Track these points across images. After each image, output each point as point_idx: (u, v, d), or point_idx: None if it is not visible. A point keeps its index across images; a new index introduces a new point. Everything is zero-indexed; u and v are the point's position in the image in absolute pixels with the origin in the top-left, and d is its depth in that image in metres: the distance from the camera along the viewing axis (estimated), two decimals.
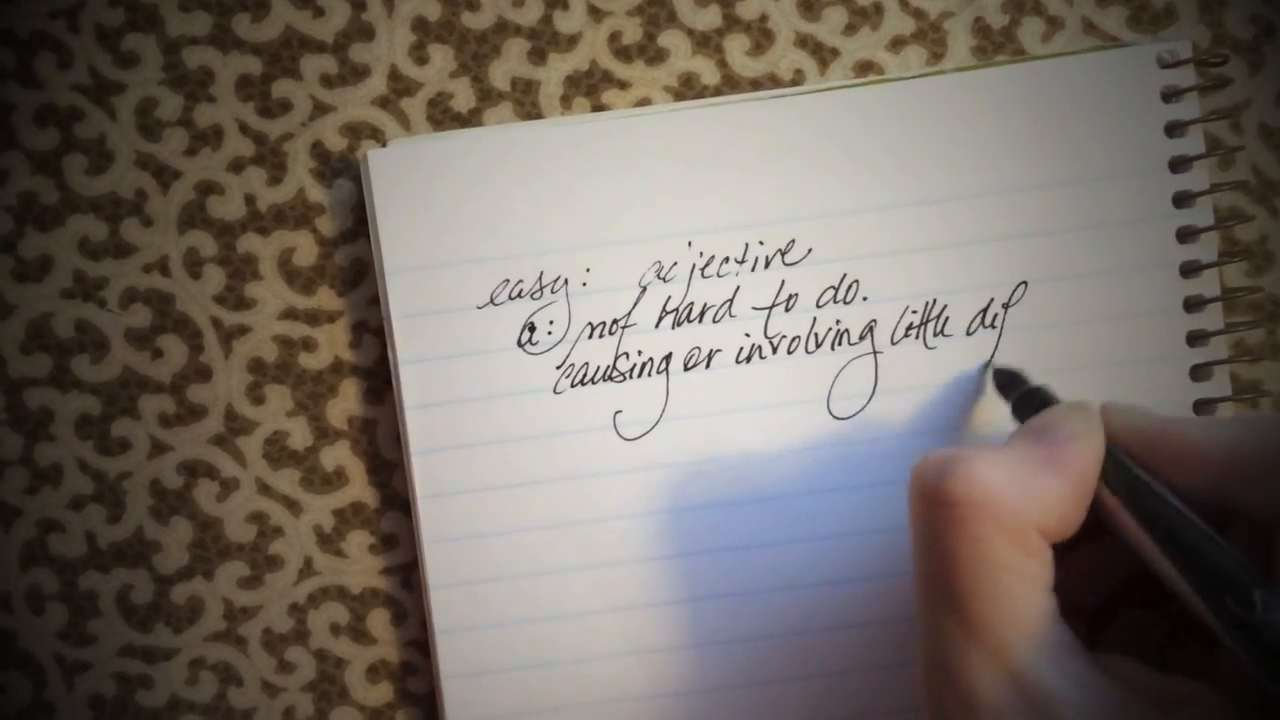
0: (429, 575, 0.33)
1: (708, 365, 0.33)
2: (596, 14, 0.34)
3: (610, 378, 0.33)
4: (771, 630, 0.33)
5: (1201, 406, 0.33)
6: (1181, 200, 0.33)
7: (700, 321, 0.33)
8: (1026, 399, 0.30)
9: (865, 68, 0.34)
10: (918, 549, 0.26)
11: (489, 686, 0.33)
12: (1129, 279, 0.33)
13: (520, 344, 0.33)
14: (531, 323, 0.33)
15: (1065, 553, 0.26)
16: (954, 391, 0.33)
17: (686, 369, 0.33)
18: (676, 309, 0.33)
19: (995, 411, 0.32)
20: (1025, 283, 0.33)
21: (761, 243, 0.33)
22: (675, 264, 0.33)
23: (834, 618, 0.33)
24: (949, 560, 0.25)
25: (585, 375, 0.33)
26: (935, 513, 0.25)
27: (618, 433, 0.33)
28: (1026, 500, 0.25)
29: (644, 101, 0.34)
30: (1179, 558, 0.25)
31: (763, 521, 0.33)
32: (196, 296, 0.34)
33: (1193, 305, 0.33)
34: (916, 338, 0.33)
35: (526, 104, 0.34)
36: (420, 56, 0.34)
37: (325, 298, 0.34)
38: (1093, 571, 0.28)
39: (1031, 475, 0.25)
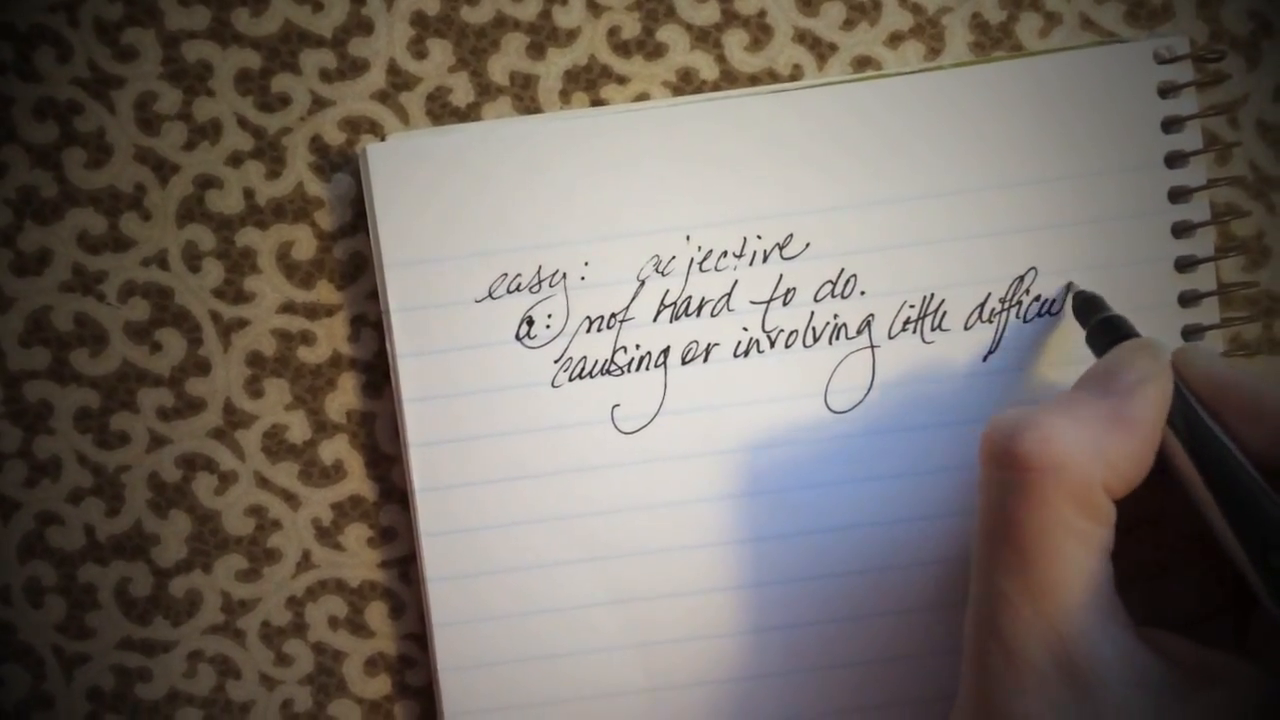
0: (427, 568, 0.33)
1: (705, 359, 0.33)
2: (595, 9, 0.34)
3: (608, 371, 0.33)
4: (769, 623, 0.33)
5: None
6: (1177, 195, 0.33)
7: (698, 315, 0.33)
8: (1103, 327, 0.30)
9: (863, 63, 0.34)
10: (983, 508, 0.26)
11: (487, 679, 0.33)
12: (1125, 273, 0.33)
13: (518, 338, 0.33)
14: (530, 316, 0.33)
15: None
16: (951, 385, 0.33)
17: (684, 363, 0.33)
18: (674, 303, 0.33)
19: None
20: (1022, 276, 0.33)
21: (759, 237, 0.33)
22: (673, 258, 0.33)
23: (832, 610, 0.33)
24: (1014, 523, 0.25)
25: (583, 369, 0.33)
26: (1004, 475, 0.25)
27: (616, 426, 0.33)
28: (1095, 461, 0.25)
29: (642, 96, 0.34)
30: (1229, 506, 0.25)
31: (760, 515, 0.33)
32: (195, 290, 0.34)
33: (1188, 300, 0.33)
34: (914, 332, 0.33)
35: (525, 99, 0.34)
36: (419, 51, 0.34)
37: (324, 291, 0.34)
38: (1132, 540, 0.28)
39: (1100, 434, 0.25)
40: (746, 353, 0.33)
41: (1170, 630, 0.26)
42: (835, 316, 0.33)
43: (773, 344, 0.33)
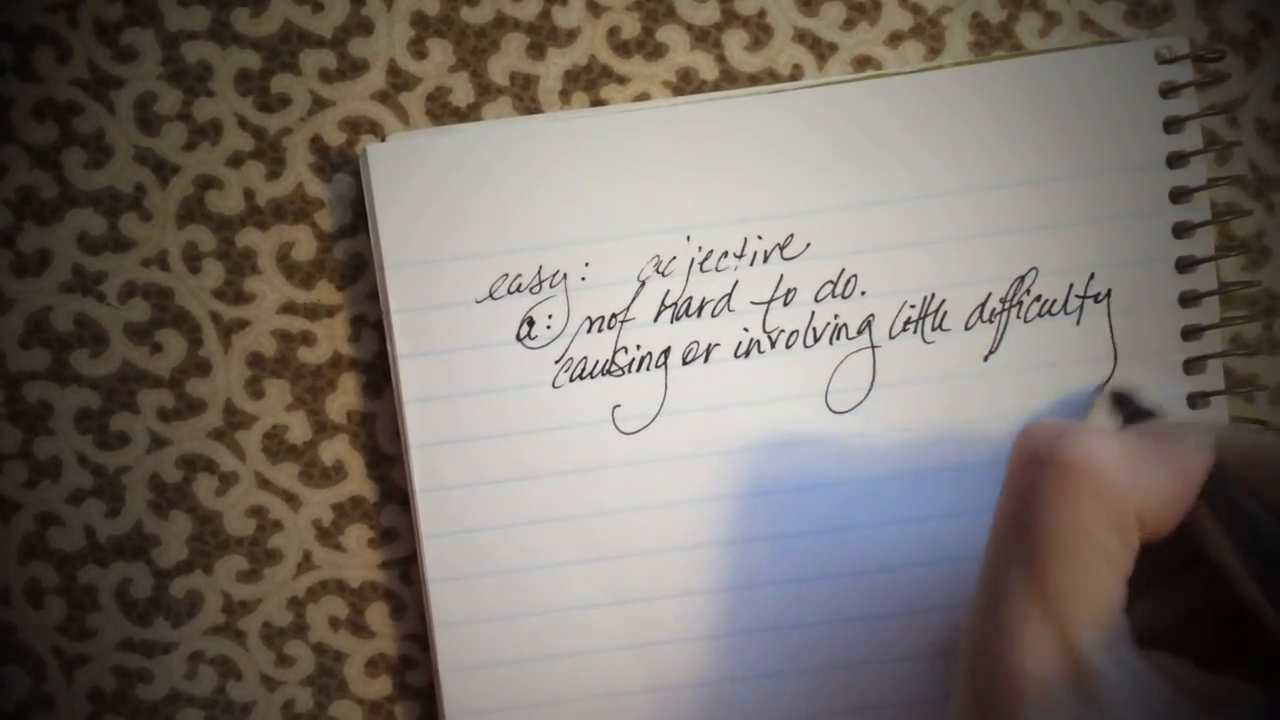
0: (428, 569, 0.33)
1: (706, 359, 0.33)
2: (595, 9, 0.34)
3: (609, 372, 0.33)
4: (769, 624, 0.33)
5: (1195, 400, 0.33)
6: (1178, 195, 0.33)
7: (699, 316, 0.33)
8: (1139, 418, 0.30)
9: (863, 63, 0.34)
10: (1009, 504, 0.26)
11: (488, 680, 0.33)
12: (1125, 273, 0.33)
13: (519, 338, 0.33)
14: (530, 317, 0.33)
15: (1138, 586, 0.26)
16: (952, 385, 0.33)
17: (685, 363, 0.33)
18: (675, 303, 0.33)
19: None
20: (1023, 276, 0.33)
21: (760, 237, 0.33)
22: (674, 258, 0.33)
23: (833, 611, 0.33)
24: (1043, 520, 0.25)
25: (584, 369, 0.33)
26: (1042, 472, 0.25)
27: (616, 427, 0.33)
28: (1134, 484, 0.25)
29: (642, 96, 0.34)
30: (1268, 580, 0.25)
31: (760, 516, 0.33)
32: (195, 291, 0.34)
33: (1188, 300, 0.33)
34: (914, 332, 0.33)
35: (525, 99, 0.34)
36: (419, 51, 0.34)
37: (324, 292, 0.34)
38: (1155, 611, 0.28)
39: (1143, 463, 0.25)
40: (747, 353, 0.33)
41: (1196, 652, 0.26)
42: (836, 317, 0.33)
43: (773, 344, 0.33)
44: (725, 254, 0.33)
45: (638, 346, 0.33)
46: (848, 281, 0.33)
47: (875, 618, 0.33)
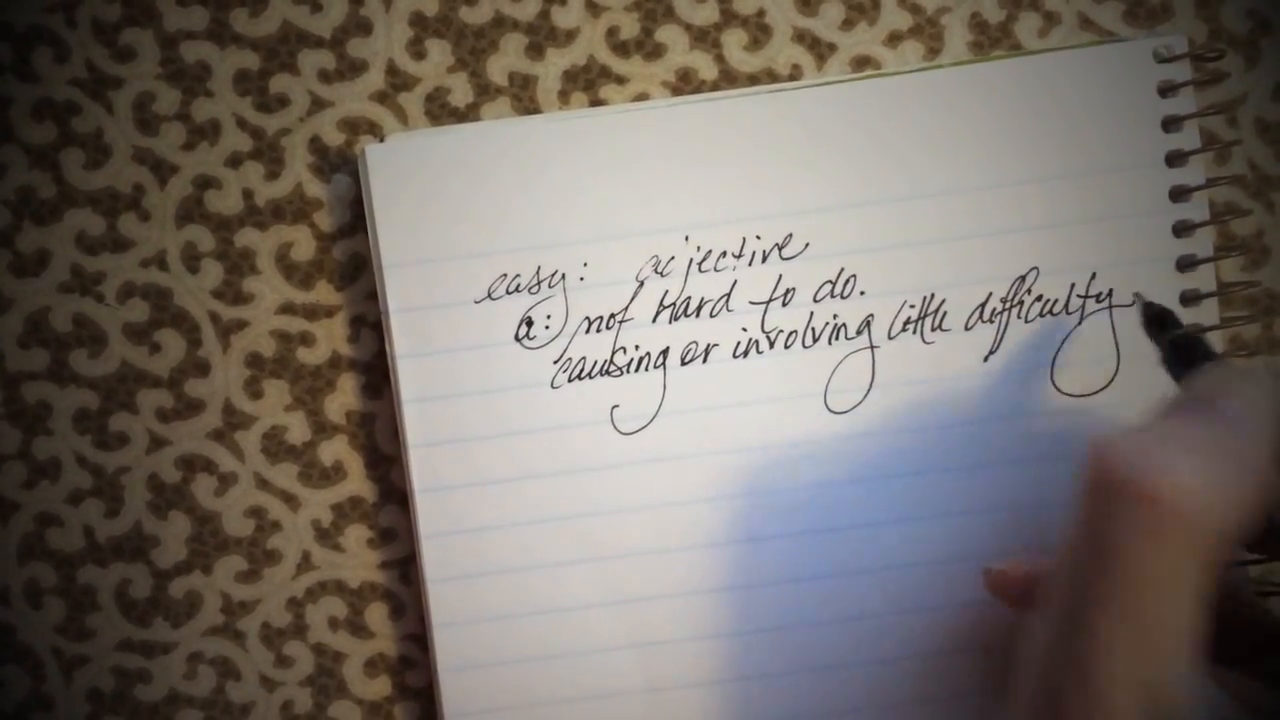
0: (427, 569, 0.33)
1: (705, 360, 0.33)
2: (594, 9, 0.34)
3: (607, 372, 0.33)
4: (768, 623, 0.33)
5: None
6: (1177, 195, 0.33)
7: (697, 316, 0.33)
8: (1182, 348, 0.28)
9: (862, 63, 0.34)
10: (1085, 537, 0.24)
11: (487, 680, 0.33)
12: (1126, 273, 0.33)
13: (518, 338, 0.33)
14: (529, 317, 0.33)
15: None
16: (951, 386, 0.33)
17: (684, 364, 0.33)
18: (674, 303, 0.33)
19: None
20: (1023, 276, 0.33)
21: (759, 237, 0.33)
22: (672, 258, 0.33)
23: (831, 611, 0.33)
24: (1126, 560, 0.23)
25: (582, 370, 0.33)
26: (1122, 508, 0.23)
27: (615, 427, 0.33)
28: (1221, 507, 0.23)
29: (641, 96, 0.34)
30: None
31: (759, 516, 0.33)
32: (194, 291, 0.34)
33: (1189, 300, 0.33)
34: (914, 332, 0.33)
35: (524, 99, 0.34)
36: (418, 51, 0.34)
37: (323, 292, 0.34)
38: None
39: (1227, 477, 0.23)
40: (746, 353, 0.33)
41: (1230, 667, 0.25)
42: (835, 317, 0.33)
43: (772, 344, 0.33)
44: (724, 254, 0.33)
45: (636, 347, 0.33)
46: (847, 281, 0.33)
47: (874, 617, 0.33)
